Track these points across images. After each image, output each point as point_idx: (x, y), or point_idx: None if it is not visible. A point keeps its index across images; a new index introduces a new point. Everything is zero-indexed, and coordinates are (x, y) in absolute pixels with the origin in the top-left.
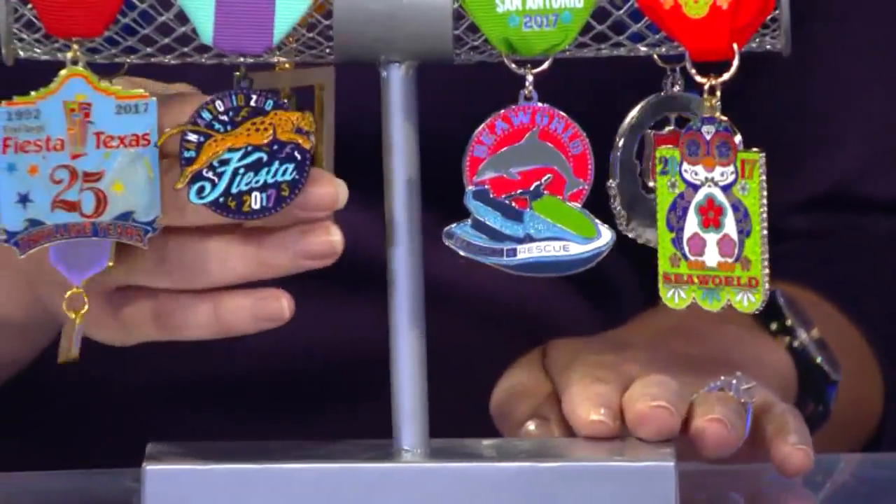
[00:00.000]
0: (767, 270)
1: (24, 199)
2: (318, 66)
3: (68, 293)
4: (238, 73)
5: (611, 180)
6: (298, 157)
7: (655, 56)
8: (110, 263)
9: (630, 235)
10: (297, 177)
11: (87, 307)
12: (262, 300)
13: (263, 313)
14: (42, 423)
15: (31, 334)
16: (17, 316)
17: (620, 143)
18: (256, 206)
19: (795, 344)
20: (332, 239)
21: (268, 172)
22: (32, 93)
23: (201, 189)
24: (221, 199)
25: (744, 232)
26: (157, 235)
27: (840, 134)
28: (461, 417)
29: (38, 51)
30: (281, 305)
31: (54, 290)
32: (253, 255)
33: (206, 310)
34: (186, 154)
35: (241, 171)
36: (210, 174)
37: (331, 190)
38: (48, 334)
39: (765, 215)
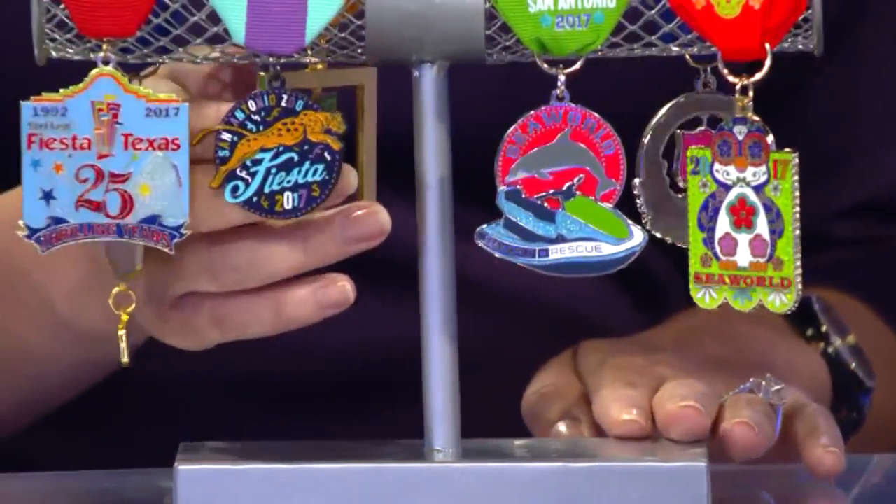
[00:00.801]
0: (800, 271)
1: (47, 196)
2: (360, 67)
3: (115, 291)
4: (263, 74)
5: (636, 179)
6: (328, 157)
7: (687, 56)
8: (138, 267)
9: (657, 235)
10: (326, 177)
11: (133, 306)
12: (323, 287)
13: (326, 300)
14: (86, 422)
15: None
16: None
17: (646, 142)
18: (288, 206)
19: (830, 350)
20: (379, 218)
21: (299, 172)
22: (61, 90)
23: (235, 188)
24: (255, 199)
25: (776, 232)
26: (200, 241)
27: (886, 140)
28: (495, 417)
29: (70, 51)
30: (343, 289)
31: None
32: (299, 247)
33: (267, 306)
34: (221, 153)
35: (274, 170)
36: (243, 173)
37: (345, 177)
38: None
39: (797, 216)
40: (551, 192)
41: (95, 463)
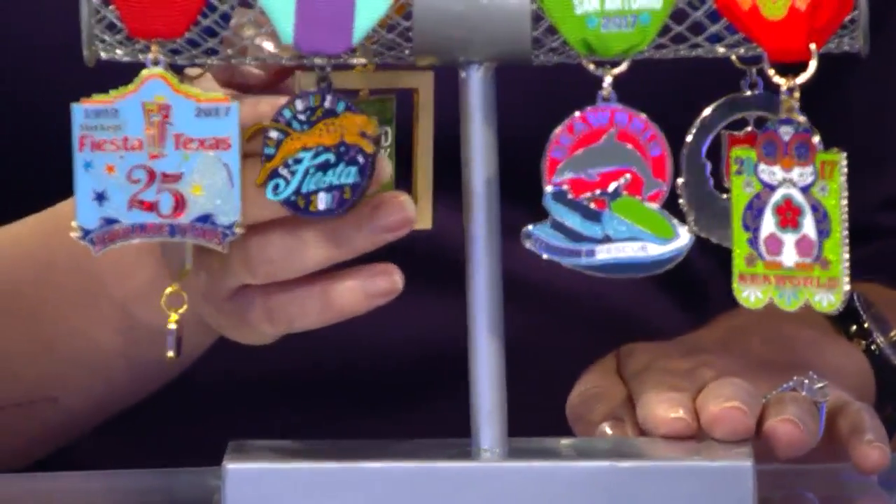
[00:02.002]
0: (848, 270)
1: (100, 197)
2: (417, 70)
3: (167, 291)
4: (299, 73)
5: (679, 179)
6: (361, 160)
7: (734, 57)
8: (188, 266)
9: (701, 235)
10: (358, 180)
11: (185, 307)
12: (372, 277)
13: (375, 290)
14: (135, 421)
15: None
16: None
17: (690, 142)
18: (322, 207)
19: (873, 347)
20: (405, 208)
21: (334, 174)
22: (111, 91)
23: (276, 186)
24: (293, 198)
25: (823, 233)
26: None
27: None
28: (541, 416)
29: (119, 52)
30: (392, 279)
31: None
32: (330, 239)
33: (315, 297)
34: (267, 150)
35: (312, 170)
36: (285, 172)
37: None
38: (200, 340)
39: (845, 216)
40: (598, 192)
41: (144, 462)
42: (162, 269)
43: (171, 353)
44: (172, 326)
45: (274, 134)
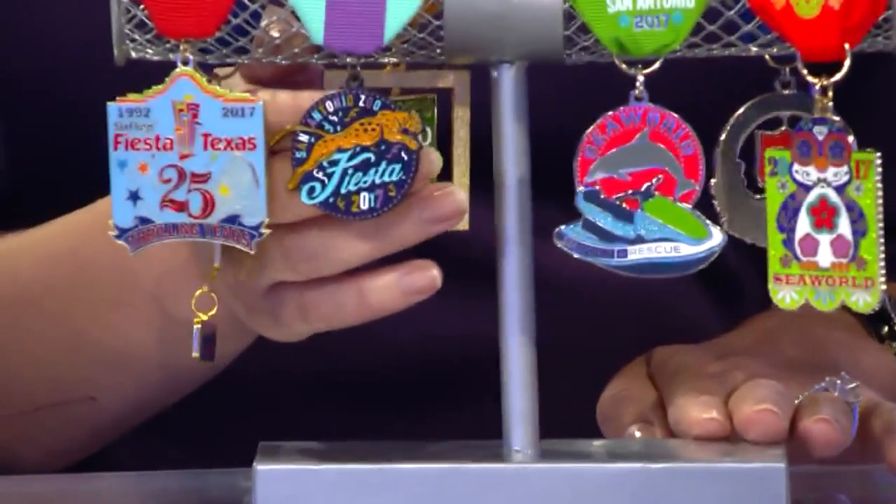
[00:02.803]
0: (884, 270)
1: (134, 197)
2: (453, 69)
3: (197, 292)
4: (329, 72)
5: (713, 179)
6: (405, 157)
7: (767, 56)
8: (217, 265)
9: (735, 235)
10: (403, 177)
11: (214, 309)
12: (409, 273)
13: (413, 286)
14: (160, 422)
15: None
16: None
17: (723, 142)
18: (365, 207)
19: None
20: (456, 197)
21: (376, 173)
22: (144, 91)
23: (312, 189)
24: (331, 200)
25: (859, 233)
26: (279, 231)
27: None
28: (573, 417)
29: (149, 51)
30: (430, 275)
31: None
32: (377, 233)
33: (351, 294)
34: (298, 154)
35: (350, 171)
36: (320, 174)
37: (424, 160)
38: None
39: (881, 215)
40: (630, 192)
41: (175, 463)
42: (193, 263)
43: (195, 355)
44: (197, 327)
45: (304, 137)
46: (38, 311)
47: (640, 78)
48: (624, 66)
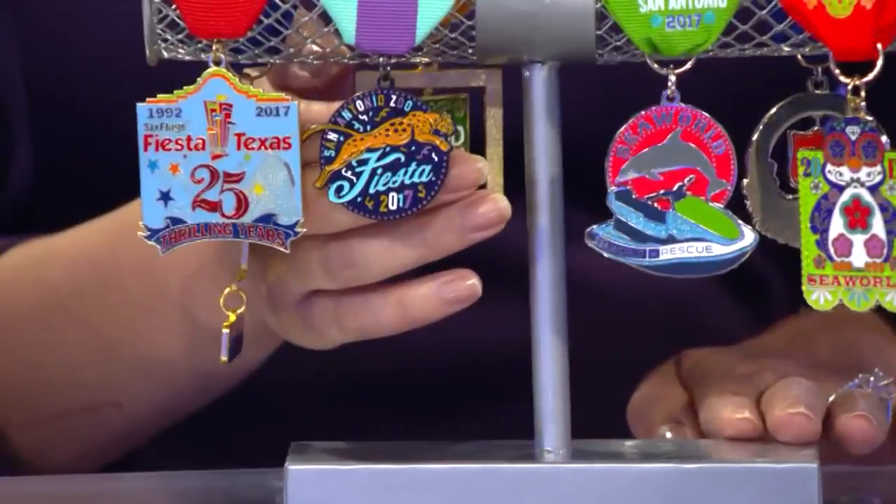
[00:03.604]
0: None
1: (165, 197)
2: (485, 68)
3: (226, 291)
4: (362, 73)
5: (745, 179)
6: (436, 158)
7: (799, 56)
8: (244, 266)
9: (768, 235)
10: (433, 178)
11: (243, 307)
12: (449, 283)
13: (453, 296)
14: (191, 423)
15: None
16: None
17: (755, 142)
18: (393, 207)
19: None
20: (499, 205)
21: (405, 173)
22: (175, 91)
23: (340, 188)
24: (359, 199)
25: (893, 232)
26: (317, 239)
27: None
28: (604, 417)
29: (181, 51)
30: (471, 284)
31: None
32: (419, 240)
33: (390, 304)
34: (326, 153)
35: (379, 171)
36: (348, 174)
37: (471, 168)
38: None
39: None
40: (662, 192)
41: (205, 463)
42: (221, 267)
43: (224, 358)
44: (226, 332)
45: (333, 136)
46: (67, 316)
47: (672, 78)
48: (656, 66)
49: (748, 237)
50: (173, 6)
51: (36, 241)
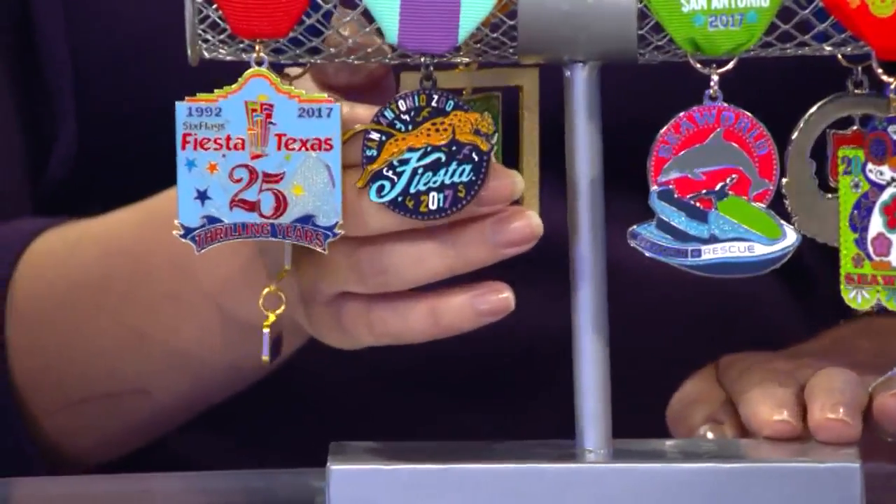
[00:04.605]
0: None
1: (202, 196)
2: (522, 67)
3: (264, 291)
4: (405, 73)
5: (784, 179)
6: (476, 158)
7: (839, 56)
8: (287, 266)
9: (807, 235)
10: (473, 178)
11: (283, 307)
12: (483, 294)
13: (486, 308)
14: (237, 418)
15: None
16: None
17: (794, 141)
18: (434, 207)
19: None
20: (531, 222)
21: (446, 173)
22: (215, 91)
23: (381, 188)
24: (400, 199)
25: None
26: (350, 242)
27: None
28: (643, 416)
29: (222, 52)
30: (504, 297)
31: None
32: (450, 251)
33: (423, 312)
34: (368, 152)
35: (420, 170)
36: (390, 173)
37: (506, 182)
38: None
39: None
40: (704, 192)
41: (245, 462)
42: (254, 263)
43: (265, 357)
44: (266, 331)
45: (375, 135)
46: (97, 301)
47: (715, 77)
48: (698, 65)
49: (790, 237)
50: (214, 6)
51: (71, 225)
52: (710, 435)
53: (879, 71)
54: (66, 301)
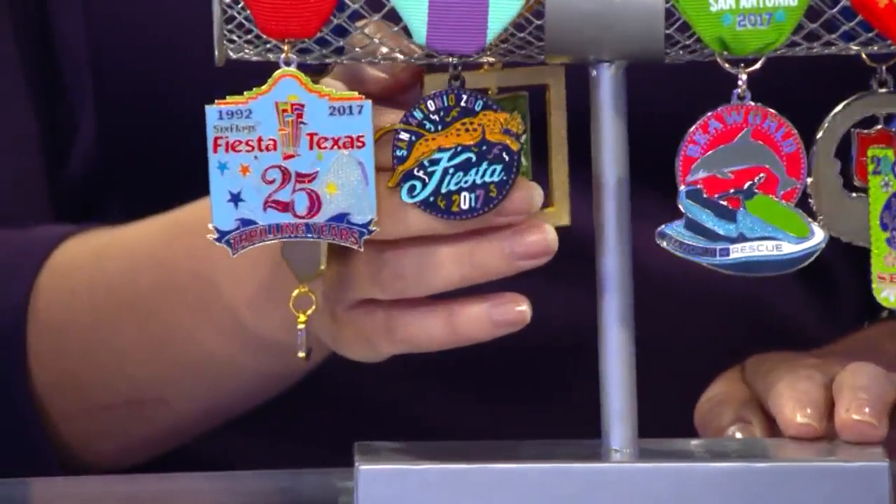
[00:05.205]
0: None
1: (235, 199)
2: (547, 66)
3: (295, 292)
4: (431, 74)
5: (809, 178)
6: (506, 158)
7: (864, 55)
8: (322, 266)
9: (832, 234)
10: (504, 178)
11: (314, 307)
12: (500, 305)
13: (503, 319)
14: (263, 417)
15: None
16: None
17: (819, 141)
18: (465, 207)
19: None
20: (547, 237)
21: (476, 173)
22: (245, 92)
23: (412, 188)
24: (431, 199)
25: None
26: (370, 248)
27: None
28: (668, 414)
29: (248, 52)
30: (521, 310)
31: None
32: (466, 261)
33: (441, 320)
34: (398, 153)
35: (451, 170)
36: (420, 173)
37: (527, 193)
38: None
39: None
40: (732, 191)
41: (274, 461)
42: (275, 278)
43: (301, 354)
44: (302, 327)
45: (405, 135)
46: (122, 310)
47: (743, 77)
48: (726, 65)
49: (818, 235)
50: (240, 6)
51: (97, 232)
52: (738, 435)
53: None
54: (90, 309)
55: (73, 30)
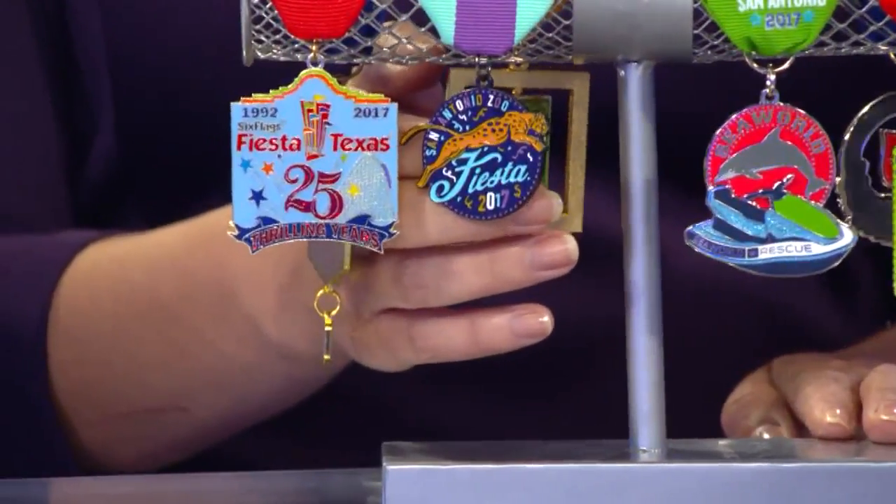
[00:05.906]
0: None
1: (257, 197)
2: (574, 70)
3: (319, 293)
4: (455, 73)
5: (837, 178)
6: (531, 158)
7: (892, 55)
8: (346, 266)
9: (860, 234)
10: (528, 178)
11: (338, 307)
12: (522, 316)
13: (524, 330)
14: (290, 418)
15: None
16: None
17: (847, 141)
18: (491, 207)
19: None
20: (568, 247)
21: (502, 173)
22: (270, 91)
23: (441, 188)
24: (459, 199)
25: None
26: (392, 257)
27: None
28: (702, 414)
29: (276, 52)
30: (543, 321)
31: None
32: (487, 270)
33: (463, 330)
34: (427, 152)
35: (478, 170)
36: (449, 173)
37: (547, 203)
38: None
39: None
40: (761, 191)
41: (298, 461)
42: (297, 288)
43: (327, 357)
44: (328, 329)
45: (434, 135)
46: (142, 317)
47: (772, 77)
48: (755, 65)
49: (847, 236)
50: (268, 6)
51: (118, 239)
52: (766, 436)
53: None
54: (111, 316)
55: (92, 35)
